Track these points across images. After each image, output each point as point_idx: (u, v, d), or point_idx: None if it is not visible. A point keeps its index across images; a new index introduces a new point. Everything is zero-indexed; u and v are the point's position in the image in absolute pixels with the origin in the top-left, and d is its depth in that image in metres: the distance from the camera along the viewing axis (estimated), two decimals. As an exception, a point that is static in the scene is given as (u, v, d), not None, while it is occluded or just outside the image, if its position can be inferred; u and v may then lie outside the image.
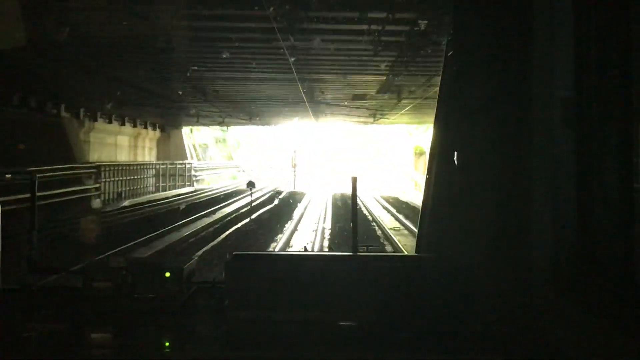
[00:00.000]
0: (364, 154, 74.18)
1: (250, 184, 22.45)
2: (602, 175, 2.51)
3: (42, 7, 13.71)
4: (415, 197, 35.01)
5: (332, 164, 72.30)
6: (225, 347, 2.81)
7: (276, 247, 18.94)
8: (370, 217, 27.71)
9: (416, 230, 4.29)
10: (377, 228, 24.06)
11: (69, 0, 14.32)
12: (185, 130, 52.06)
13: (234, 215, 26.86)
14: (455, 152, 3.14)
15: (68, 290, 3.30)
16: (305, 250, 7.40)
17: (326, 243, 20.11)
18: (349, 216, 3.88)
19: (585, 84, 2.55)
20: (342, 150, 75.93)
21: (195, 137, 55.00)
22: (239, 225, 23.40)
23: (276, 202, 33.42)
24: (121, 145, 40.58)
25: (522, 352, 2.59)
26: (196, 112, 34.57)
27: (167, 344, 2.84)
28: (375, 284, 2.96)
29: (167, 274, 3.07)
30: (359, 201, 33.23)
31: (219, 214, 27.16)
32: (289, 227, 23.66)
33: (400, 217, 27.13)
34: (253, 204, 32.86)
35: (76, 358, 2.63)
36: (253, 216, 25.76)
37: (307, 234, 22.13)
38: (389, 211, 30.49)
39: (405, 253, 13.11)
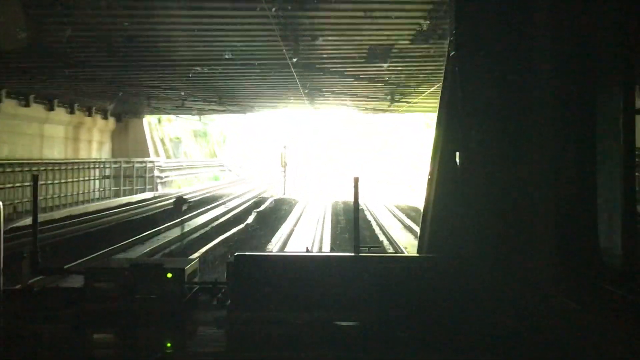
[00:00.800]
0: (368, 147, 69.15)
1: (179, 203, 11.37)
2: (604, 174, 2.51)
3: None
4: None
5: (332, 157, 67.74)
6: (227, 347, 2.76)
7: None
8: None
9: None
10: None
11: None
12: (153, 121, 40.90)
13: (166, 251, 15.56)
14: (457, 152, 3.07)
15: (70, 290, 3.19)
16: (307, 250, 5.35)
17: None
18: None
19: (587, 84, 2.57)
20: (343, 142, 70.73)
21: (165, 129, 43.59)
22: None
23: (250, 219, 22.05)
24: (51, 136, 29.68)
25: (524, 352, 2.53)
26: (137, 89, 23.07)
27: (168, 344, 2.76)
28: (376, 285, 2.89)
29: (169, 275, 2.98)
30: (370, 217, 23.24)
31: (144, 248, 15.84)
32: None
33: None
34: (222, 220, 21.90)
35: (78, 358, 2.60)
36: (198, 254, 14.45)
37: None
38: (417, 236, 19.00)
39: (407, 254, 12.35)
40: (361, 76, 19.56)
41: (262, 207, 26.55)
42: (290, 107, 34.47)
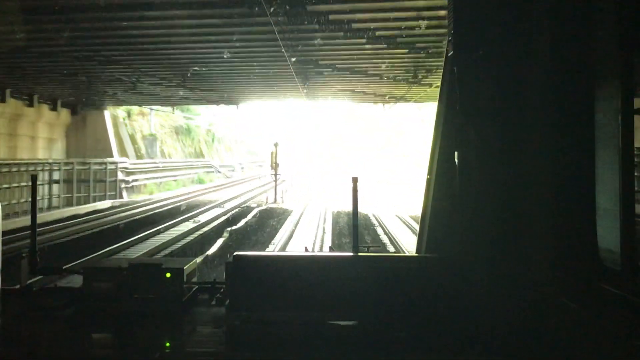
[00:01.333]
0: (371, 144, 65.26)
1: None
2: (603, 174, 2.51)
3: None
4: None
5: (334, 154, 63.94)
6: (226, 347, 2.71)
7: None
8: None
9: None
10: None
11: None
12: (121, 114, 34.10)
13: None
14: (456, 152, 3.00)
15: (68, 290, 3.13)
16: (306, 250, 3.58)
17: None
18: None
19: (586, 84, 2.56)
20: (346, 139, 66.31)
21: (137, 125, 36.72)
22: None
23: (215, 247, 15.23)
24: (-26, 131, 22.75)
25: (523, 352, 2.51)
26: (59, 57, 16.23)
27: (167, 344, 2.72)
28: (376, 285, 2.83)
29: (168, 275, 2.92)
30: (384, 236, 19.33)
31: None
32: None
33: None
34: (177, 247, 15.32)
35: (76, 358, 2.57)
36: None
37: None
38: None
39: (406, 253, 12.04)
40: (378, 34, 12.67)
41: (241, 224, 19.66)
42: (281, 96, 27.65)
